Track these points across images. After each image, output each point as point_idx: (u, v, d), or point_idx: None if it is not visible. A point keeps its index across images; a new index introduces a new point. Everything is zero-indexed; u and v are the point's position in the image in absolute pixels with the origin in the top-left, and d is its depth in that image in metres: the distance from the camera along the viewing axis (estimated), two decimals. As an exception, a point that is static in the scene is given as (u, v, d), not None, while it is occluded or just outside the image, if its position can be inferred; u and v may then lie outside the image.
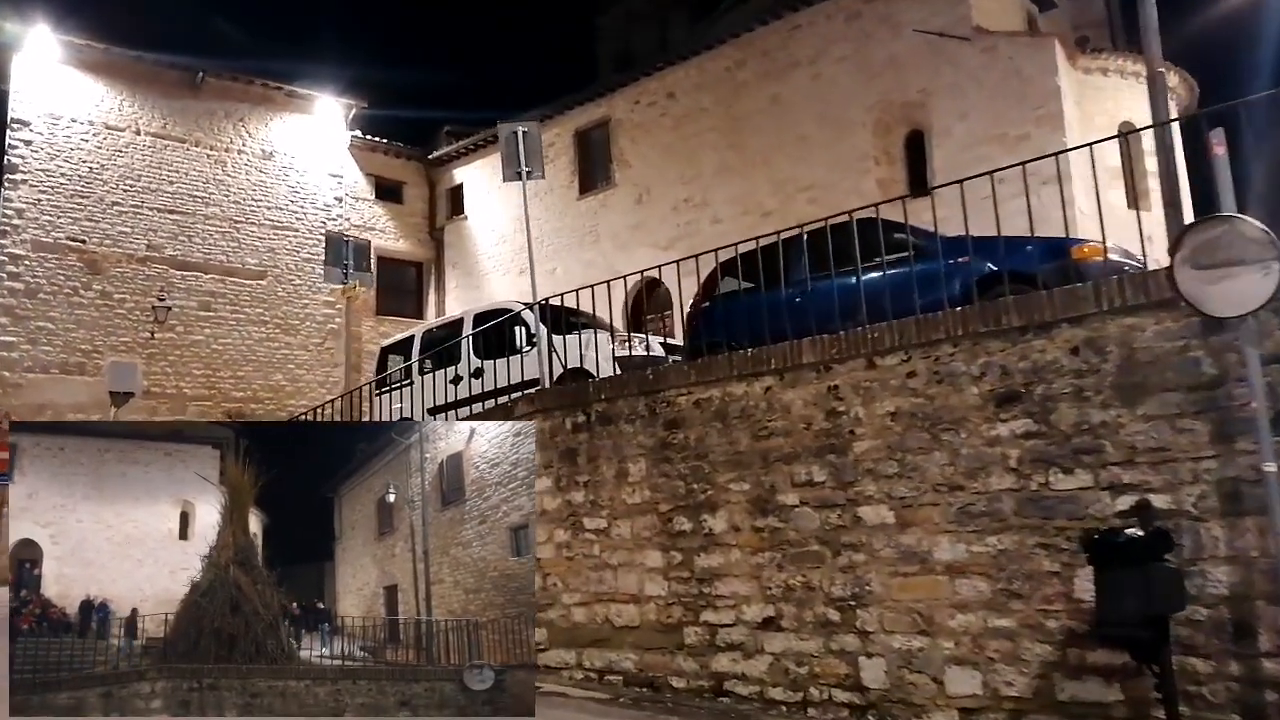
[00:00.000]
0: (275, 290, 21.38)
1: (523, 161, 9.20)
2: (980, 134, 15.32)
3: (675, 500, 6.91)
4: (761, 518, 6.39)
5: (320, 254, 21.95)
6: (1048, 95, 14.88)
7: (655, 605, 6.90)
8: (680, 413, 6.98)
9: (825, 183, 17.01)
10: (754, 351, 6.60)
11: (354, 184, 23.06)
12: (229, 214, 20.98)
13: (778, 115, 17.86)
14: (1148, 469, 4.88)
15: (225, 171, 21.11)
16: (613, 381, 7.52)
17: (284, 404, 20.99)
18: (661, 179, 19.59)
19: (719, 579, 6.56)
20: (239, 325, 20.76)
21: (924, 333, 5.76)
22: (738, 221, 18.05)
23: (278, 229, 21.61)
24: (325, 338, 21.93)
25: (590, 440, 7.54)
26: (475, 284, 23.01)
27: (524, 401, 8.15)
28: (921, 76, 16.11)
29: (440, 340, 10.77)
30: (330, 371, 21.94)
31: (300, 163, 22.13)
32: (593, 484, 7.46)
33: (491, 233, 22.86)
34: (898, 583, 5.70)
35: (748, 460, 6.52)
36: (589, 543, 7.41)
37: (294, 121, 22.18)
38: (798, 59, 17.67)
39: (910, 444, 5.75)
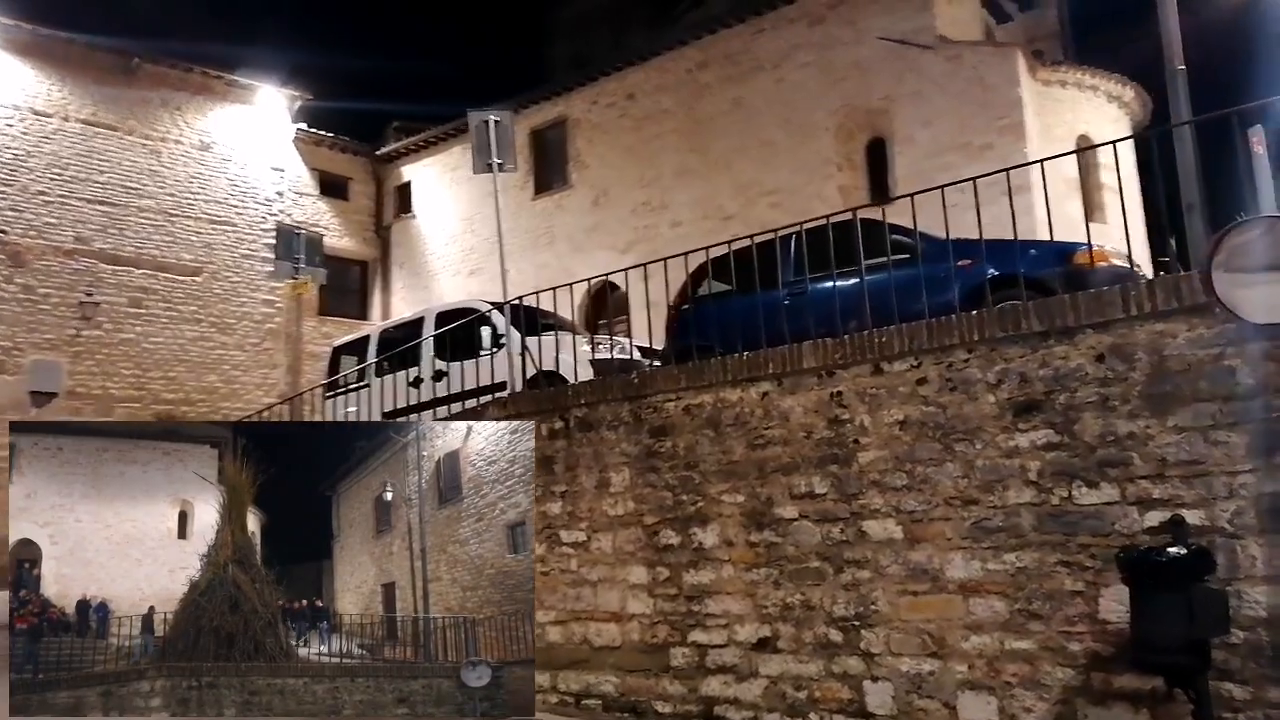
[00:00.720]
0: (211, 287, 20.43)
1: (494, 152, 8.72)
2: (944, 142, 15.27)
3: (662, 512, 6.51)
4: (757, 532, 6.04)
5: (260, 250, 21.18)
6: (1011, 105, 14.90)
7: (639, 624, 6.50)
8: (668, 419, 6.59)
9: (788, 187, 16.83)
10: (750, 355, 6.25)
11: (297, 179, 22.23)
12: (163, 206, 19.99)
13: (740, 119, 17.63)
14: (1179, 483, 4.64)
15: (160, 162, 20.13)
16: (594, 385, 7.11)
17: (218, 406, 20.05)
18: (620, 181, 19.22)
19: (710, 596, 6.19)
20: (172, 323, 19.78)
21: (936, 337, 5.47)
22: (698, 225, 17.78)
23: (215, 223, 20.68)
24: (264, 338, 21.04)
25: (568, 448, 7.10)
26: (423, 284, 22.34)
27: (495, 406, 7.68)
28: (885, 83, 16.03)
29: (398, 341, 10.22)
30: (269, 373, 21.07)
31: (240, 155, 21.22)
32: (571, 494, 7.03)
33: (441, 232, 22.23)
34: (906, 602, 5.39)
35: (742, 470, 6.17)
36: (566, 557, 6.97)
37: (234, 112, 21.27)
38: (761, 62, 17.48)
39: (921, 455, 5.45)
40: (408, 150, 22.87)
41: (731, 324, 7.70)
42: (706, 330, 7.99)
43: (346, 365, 11.04)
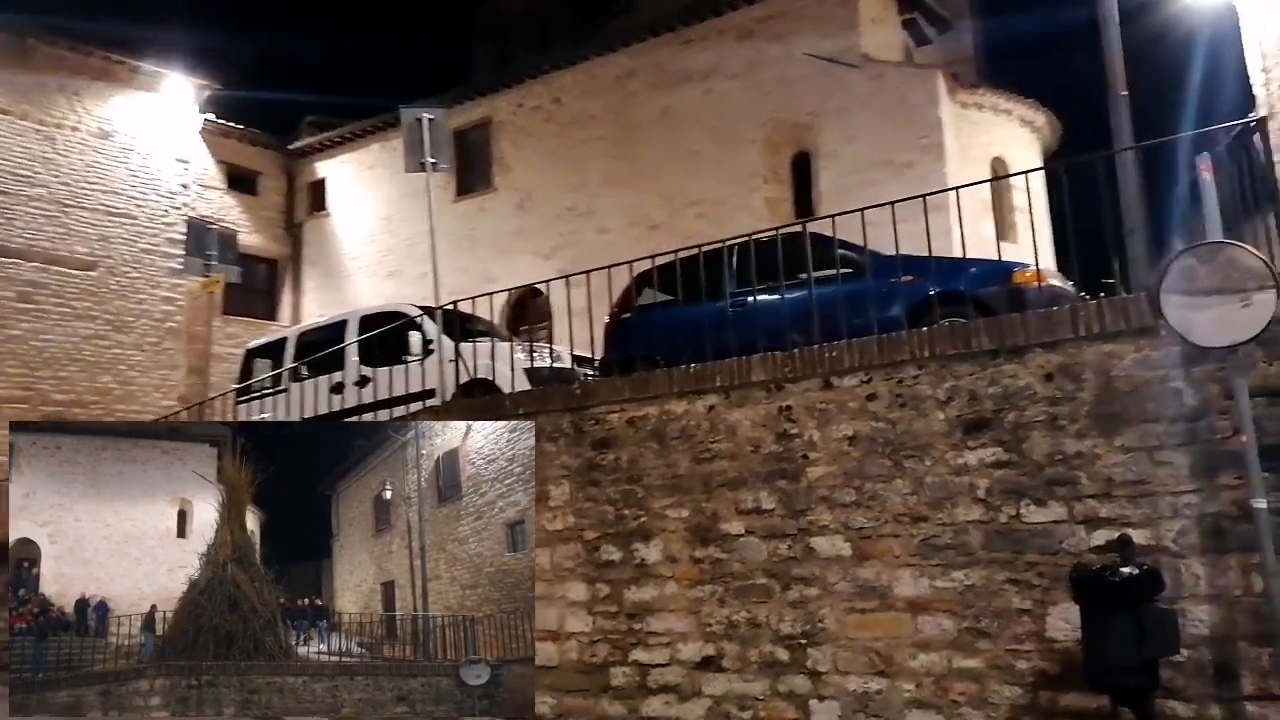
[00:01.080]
0: (107, 283, 19.33)
1: (427, 150, 8.41)
2: (867, 159, 15.53)
3: (603, 527, 6.35)
4: (702, 547, 5.92)
5: (161, 245, 20.18)
6: (931, 126, 15.24)
7: (578, 643, 6.30)
8: (611, 431, 6.43)
9: (715, 198, 16.87)
10: (697, 368, 6.14)
11: (203, 171, 21.25)
12: (57, 196, 18.83)
13: (668, 127, 17.60)
14: (1126, 502, 4.72)
15: (55, 149, 18.96)
16: (533, 395, 6.90)
17: (112, 409, 18.99)
18: (545, 185, 18.96)
19: (652, 614, 6.04)
20: (64, 320, 18.62)
21: (886, 353, 5.46)
22: (625, 233, 17.67)
23: (113, 216, 19.58)
24: (164, 337, 20.02)
25: (507, 459, 6.87)
26: (337, 285, 21.63)
27: (428, 414, 7.38)
28: (811, 99, 16.22)
29: (318, 344, 9.77)
30: (168, 375, 20.05)
31: (143, 145, 20.17)
32: (506, 507, 6.79)
33: (357, 232, 21.56)
34: (854, 620, 5.35)
35: (687, 485, 6.05)
36: (501, 573, 6.72)
37: (137, 99, 20.20)
38: (690, 73, 17.49)
39: (870, 471, 5.42)
40: (323, 146, 22.13)
41: (673, 334, 7.59)
42: (647, 339, 7.86)
43: (260, 368, 10.52)
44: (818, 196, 16.17)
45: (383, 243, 21.08)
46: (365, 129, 21.38)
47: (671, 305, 7.70)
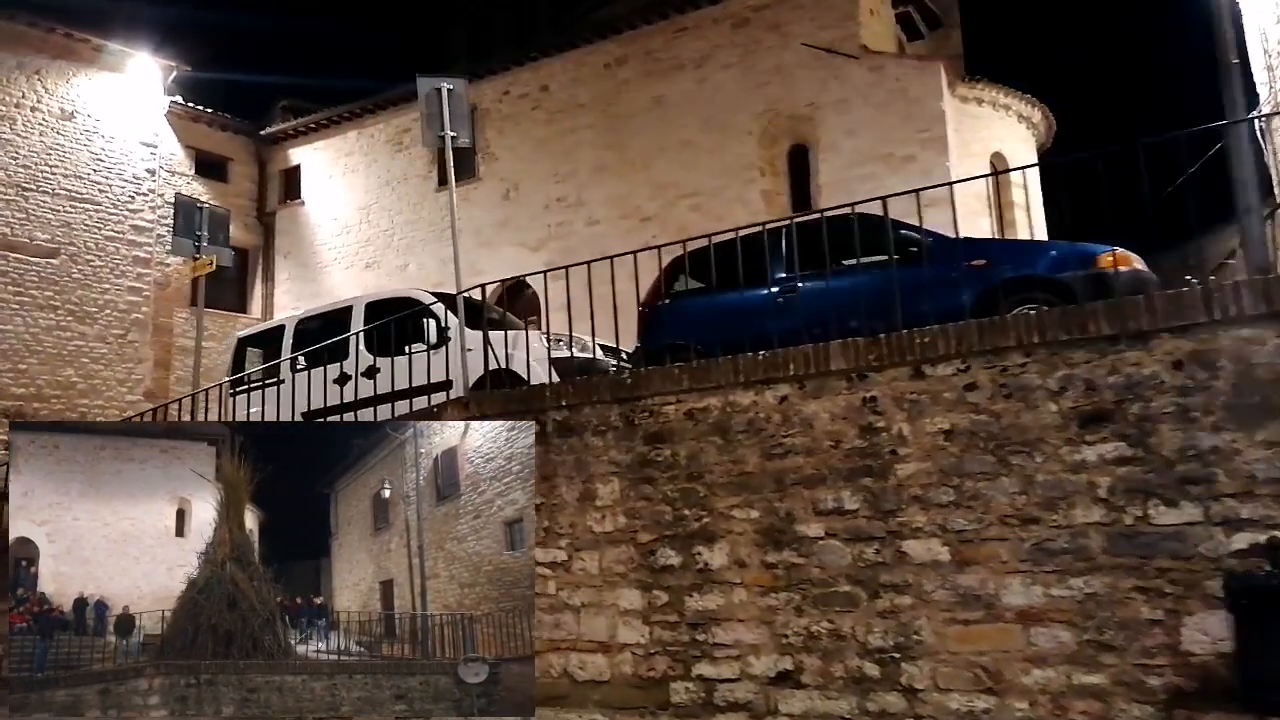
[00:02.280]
0: (69, 271, 18.27)
1: (446, 123, 7.73)
2: (867, 152, 15.13)
3: (660, 529, 5.74)
4: (775, 551, 5.35)
5: (126, 232, 19.12)
6: (933, 119, 14.88)
7: (632, 655, 5.69)
8: (667, 424, 5.83)
9: (709, 190, 16.35)
10: (766, 355, 5.56)
11: (170, 156, 20.22)
12: (16, 179, 17.72)
13: (660, 117, 17.04)
14: (1271, 502, 4.24)
15: (14, 130, 17.85)
16: (577, 386, 6.26)
17: (75, 403, 17.93)
18: (532, 175, 18.29)
19: (718, 624, 5.46)
20: (23, 310, 17.53)
21: (988, 338, 4.94)
22: (616, 225, 17.10)
23: (75, 201, 18.51)
24: (129, 329, 18.97)
25: (545, 454, 6.23)
26: (312, 277, 20.73)
27: (454, 407, 6.71)
28: (809, 90, 15.77)
29: (319, 332, 9.01)
30: (133, 368, 19.01)
31: (107, 127, 19.11)
32: (548, 508, 6.16)
33: (333, 221, 20.67)
34: (955, 631, 4.82)
35: (757, 483, 5.47)
36: (542, 579, 6.08)
37: (102, 80, 19.13)
38: (683, 61, 16.95)
39: (970, 468, 4.89)
40: (297, 132, 21.20)
41: (714, 322, 7.03)
42: (685, 328, 7.29)
43: (252, 359, 9.71)
44: (816, 190, 15.73)
45: (361, 233, 20.25)
46: (342, 114, 20.52)
47: (711, 293, 7.12)
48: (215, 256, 9.59)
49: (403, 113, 19.93)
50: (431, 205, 19.39)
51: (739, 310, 6.85)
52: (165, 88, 19.88)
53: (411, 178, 19.74)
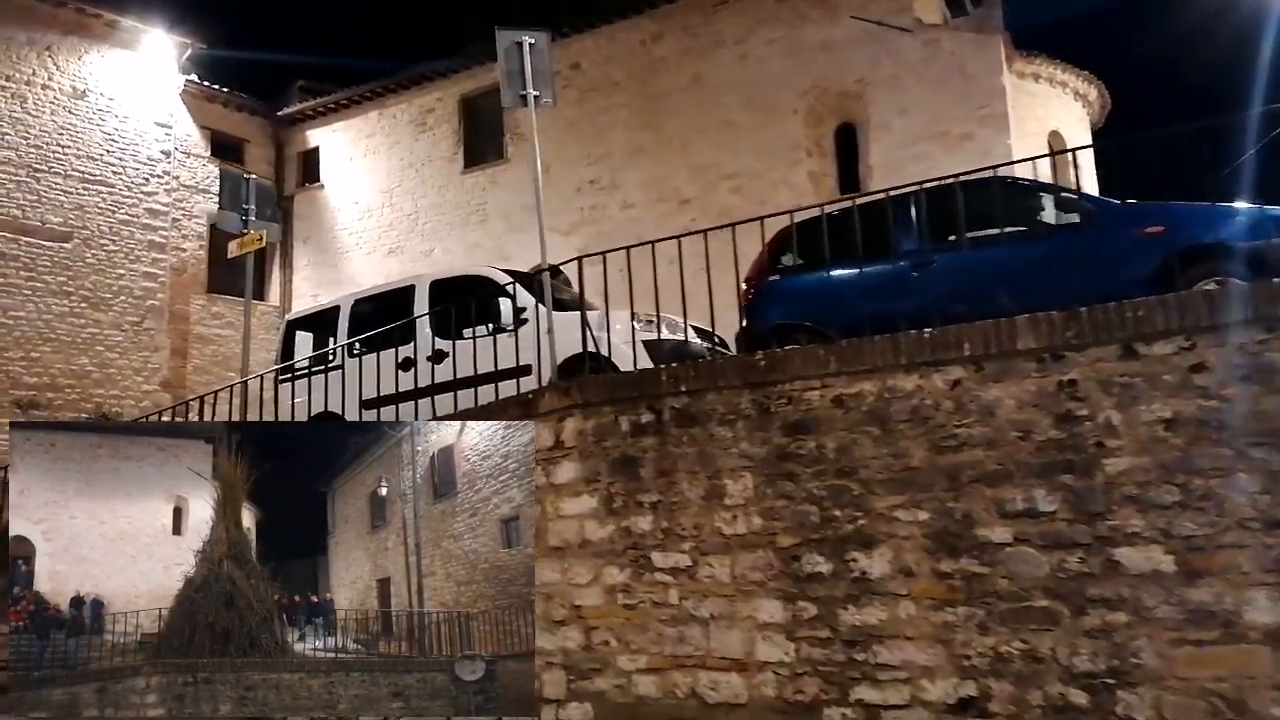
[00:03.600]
0: (83, 256, 17.38)
1: (528, 81, 6.93)
2: (920, 130, 14.33)
3: (804, 531, 4.98)
4: (950, 559, 4.60)
5: (141, 216, 18.24)
6: (993, 94, 14.09)
7: (774, 676, 4.94)
8: (810, 412, 5.06)
9: (751, 172, 15.54)
10: (934, 333, 4.79)
11: (185, 137, 19.32)
12: (27, 160, 16.82)
13: (699, 97, 16.20)
14: None
15: (25, 109, 16.94)
16: (700, 369, 5.48)
17: (90, 393, 17.08)
18: (563, 157, 17.40)
19: (880, 641, 4.70)
20: (35, 296, 16.66)
21: (1219, 311, 4.19)
22: (652, 208, 16.30)
23: (89, 183, 17.61)
24: (144, 315, 18.10)
25: (661, 446, 5.46)
26: (332, 263, 19.87)
27: (553, 393, 5.93)
28: (859, 66, 14.96)
29: (378, 314, 8.20)
30: (149, 357, 18.15)
31: (121, 107, 18.20)
32: (666, 506, 5.39)
33: (354, 206, 19.81)
34: (1184, 654, 4.07)
35: (925, 480, 4.71)
36: (662, 586, 5.33)
37: (115, 57, 18.21)
38: (723, 37, 16.10)
39: (1199, 463, 4.14)
40: (315, 113, 20.29)
41: (831, 300, 6.28)
42: (800, 306, 6.53)
43: (303, 343, 8.90)
44: (866, 170, 14.94)
45: (383, 217, 19.39)
46: (363, 94, 19.63)
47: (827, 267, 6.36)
48: (264, 231, 8.76)
49: (426, 92, 19.09)
50: (457, 188, 18.55)
51: (861, 286, 6.10)
52: (180, 66, 18.98)
53: (436, 159, 18.89)
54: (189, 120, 19.35)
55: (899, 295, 5.85)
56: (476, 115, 18.71)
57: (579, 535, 5.65)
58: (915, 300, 5.61)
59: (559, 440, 5.85)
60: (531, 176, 7.76)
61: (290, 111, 20.26)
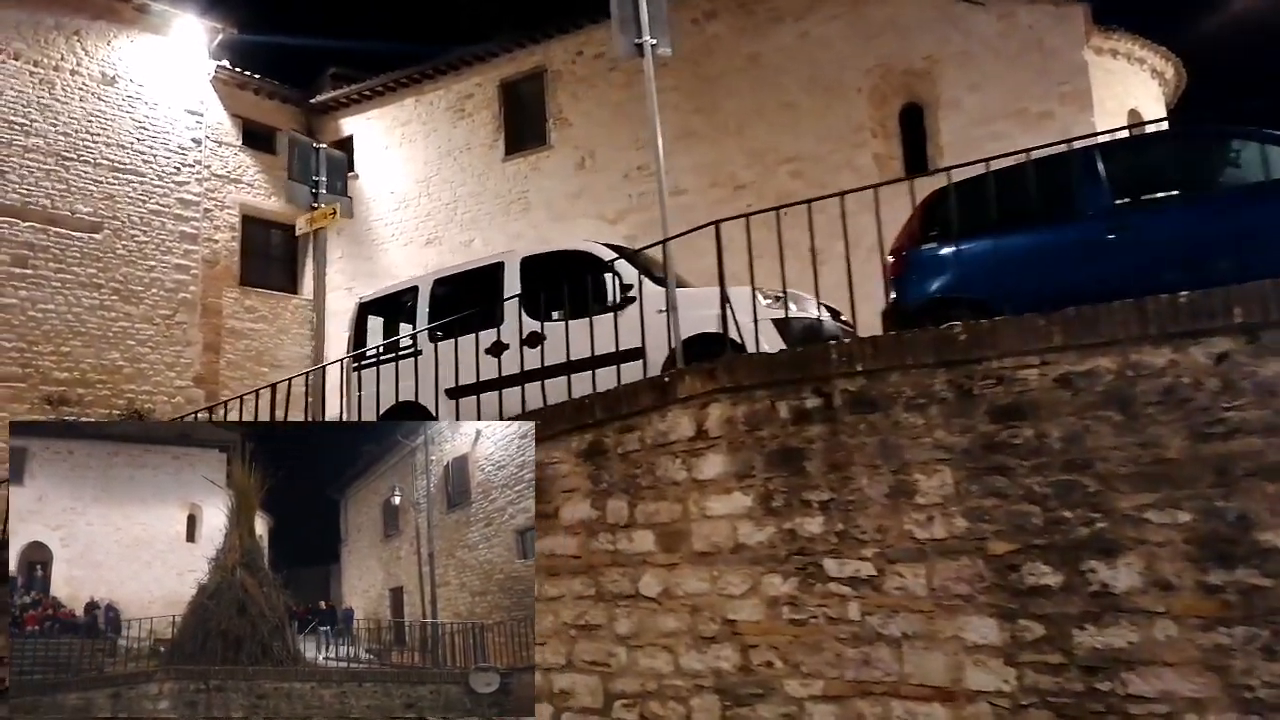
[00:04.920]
0: (114, 247, 16.63)
1: (644, 27, 6.12)
2: (995, 108, 13.49)
3: (1023, 536, 4.15)
4: (1221, 569, 3.76)
5: (173, 206, 17.46)
6: (1074, 70, 13.24)
7: (991, 707, 4.11)
8: (1027, 395, 4.23)
9: (812, 155, 14.71)
10: (1191, 297, 3.96)
11: (216, 125, 18.57)
12: (56, 148, 16.07)
13: (756, 77, 15.38)
14: None
15: (53, 95, 16.19)
16: (881, 345, 4.65)
17: (121, 389, 16.31)
18: (609, 142, 16.63)
19: (1131, 668, 3.87)
20: (65, 288, 15.91)
21: None
22: (705, 194, 15.46)
23: (119, 172, 16.86)
24: (176, 309, 17.35)
25: (832, 436, 4.63)
26: (368, 255, 19.11)
27: (694, 376, 5.09)
28: (927, 42, 14.12)
29: (461, 294, 7.38)
30: (181, 352, 17.38)
31: (151, 93, 17.45)
32: (840, 505, 4.57)
33: (390, 196, 19.02)
34: None
35: (1184, 474, 3.88)
36: (839, 599, 4.50)
37: (144, 42, 17.46)
38: (781, 14, 15.27)
39: None
40: (349, 100, 19.51)
41: (1003, 269, 5.45)
42: (960, 278, 5.69)
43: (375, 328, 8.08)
44: (935, 151, 14.08)
45: (420, 207, 18.60)
46: (399, 80, 18.84)
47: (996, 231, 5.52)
48: (337, 205, 7.93)
49: (464, 77, 18.30)
50: (498, 176, 17.76)
51: (1040, 253, 5.27)
52: (210, 51, 18.22)
53: (475, 147, 18.09)
54: (220, 108, 18.61)
55: (1090, 262, 5.03)
56: (517, 100, 17.91)
57: (730, 538, 4.83)
58: (1112, 268, 4.80)
59: (702, 429, 5.03)
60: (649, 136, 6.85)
61: (323, 99, 19.50)
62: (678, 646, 4.90)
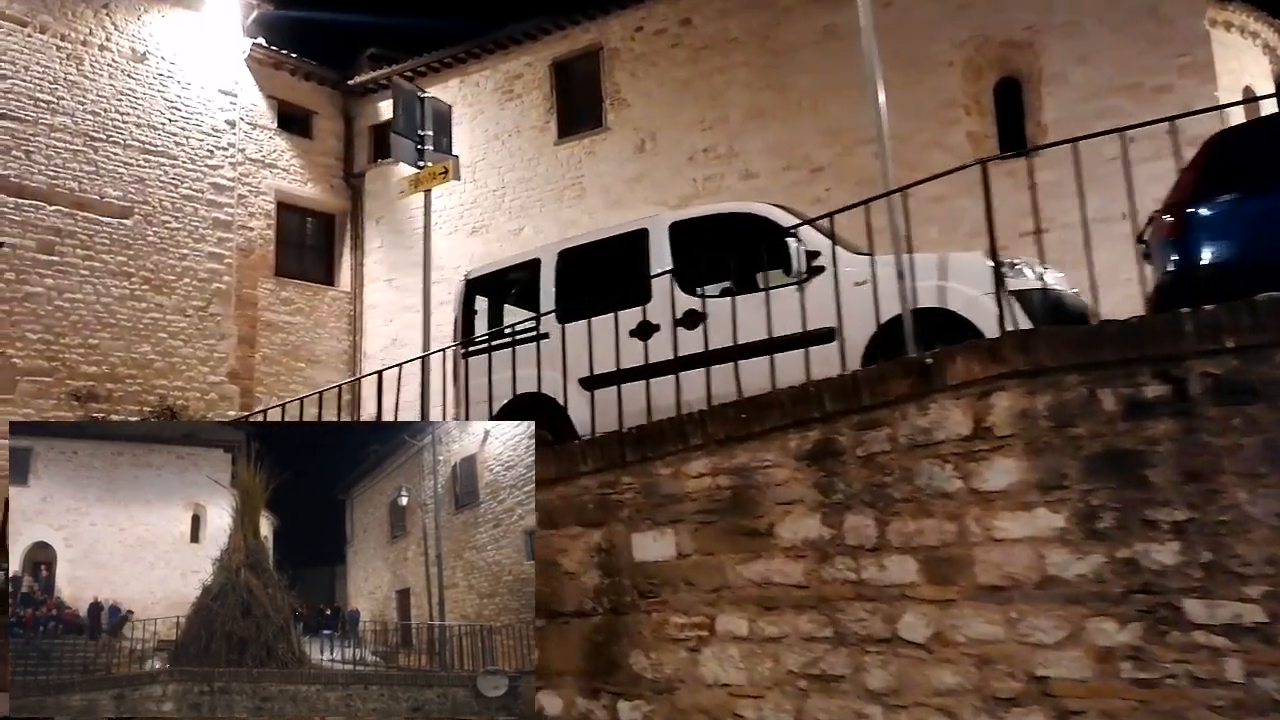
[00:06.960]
0: (144, 234, 15.42)
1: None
2: (1105, 82, 12.29)
3: None
4: None
5: (206, 191, 16.22)
6: (1194, 41, 12.04)
7: None
8: None
9: (898, 134, 13.12)
10: None
11: (251, 107, 17.36)
12: (84, 127, 14.87)
13: (832, 51, 14.13)
14: None
15: (81, 71, 14.98)
16: (1264, 310, 3.44)
17: (152, 384, 15.10)
18: (672, 124, 15.43)
19: None
20: (93, 277, 14.72)
21: None
22: (778, 177, 14.30)
23: (149, 154, 15.65)
24: (210, 300, 16.13)
25: (1187, 435, 3.44)
26: (408, 244, 17.82)
27: (971, 356, 3.89)
28: (1027, 12, 12.92)
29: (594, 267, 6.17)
30: (215, 345, 16.17)
31: (183, 72, 16.24)
32: (1205, 528, 3.37)
33: (432, 182, 17.80)
34: None
35: None
36: (1210, 653, 3.30)
37: (176, 17, 16.25)
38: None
39: None
40: (388, 82, 18.24)
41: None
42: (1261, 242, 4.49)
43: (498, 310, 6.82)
44: (1036, 129, 12.90)
45: (464, 194, 17.36)
46: (442, 60, 17.63)
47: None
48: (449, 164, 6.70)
49: (513, 56, 17.10)
50: (549, 160, 16.55)
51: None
52: (244, 29, 17.02)
53: (525, 130, 16.88)
54: (254, 89, 17.41)
55: None
56: (570, 81, 16.71)
57: (1035, 569, 3.63)
58: None
59: (982, 426, 3.83)
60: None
61: (361, 80, 18.27)
62: (960, 709, 3.70)
